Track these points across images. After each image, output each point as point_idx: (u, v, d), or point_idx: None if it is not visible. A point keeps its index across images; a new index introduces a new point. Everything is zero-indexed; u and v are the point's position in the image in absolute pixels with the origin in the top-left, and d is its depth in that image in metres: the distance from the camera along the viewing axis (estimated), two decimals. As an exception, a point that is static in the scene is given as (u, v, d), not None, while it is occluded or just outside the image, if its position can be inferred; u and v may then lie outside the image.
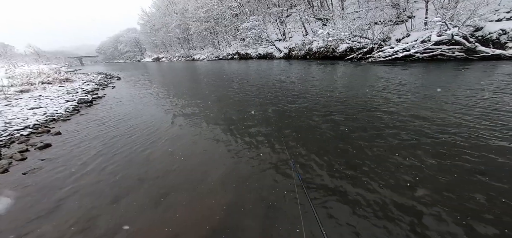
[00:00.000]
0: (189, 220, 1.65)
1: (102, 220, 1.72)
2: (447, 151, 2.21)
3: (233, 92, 6.35)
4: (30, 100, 6.84)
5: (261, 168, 2.25)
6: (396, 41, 10.68)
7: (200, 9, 31.24)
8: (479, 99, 3.65)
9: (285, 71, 10.46)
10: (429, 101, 3.82)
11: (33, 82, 10.24)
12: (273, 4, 21.53)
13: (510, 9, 8.36)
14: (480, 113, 3.09)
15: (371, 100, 4.19)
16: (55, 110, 5.45)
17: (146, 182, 2.19)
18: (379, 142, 2.53)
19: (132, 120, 4.39)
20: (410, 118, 3.14)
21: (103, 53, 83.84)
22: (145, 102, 5.99)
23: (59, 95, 7.63)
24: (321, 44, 14.44)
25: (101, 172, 2.44)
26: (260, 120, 3.67)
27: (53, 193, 2.14)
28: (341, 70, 8.85)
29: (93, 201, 1.97)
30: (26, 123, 4.40)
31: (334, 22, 13.91)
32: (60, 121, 4.64)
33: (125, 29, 69.87)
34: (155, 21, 47.26)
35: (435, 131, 2.66)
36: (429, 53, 8.71)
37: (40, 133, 3.91)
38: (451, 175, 1.87)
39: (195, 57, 35.73)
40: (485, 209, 1.50)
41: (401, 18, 11.60)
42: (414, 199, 1.64)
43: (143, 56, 60.73)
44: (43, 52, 51.24)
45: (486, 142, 2.31)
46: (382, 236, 1.39)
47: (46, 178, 2.41)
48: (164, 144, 3.06)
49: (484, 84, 4.55)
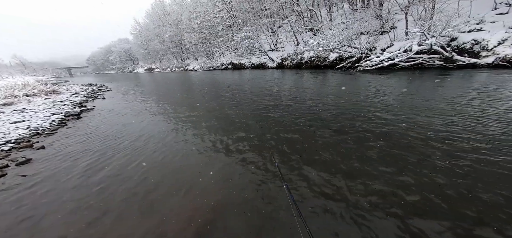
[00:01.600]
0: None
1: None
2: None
3: (229, 102, 6.48)
4: (13, 113, 6.67)
5: (254, 181, 2.34)
6: (381, 50, 11.36)
7: (193, 20, 31.79)
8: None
9: (279, 81, 10.78)
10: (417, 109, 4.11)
11: (17, 95, 9.95)
12: (266, 16, 22.34)
13: (479, 21, 9.22)
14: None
15: (365, 111, 4.44)
16: (39, 123, 5.36)
17: (133, 199, 2.17)
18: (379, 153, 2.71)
19: (121, 132, 4.35)
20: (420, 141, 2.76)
21: (94, 64, 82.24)
22: (136, 114, 5.94)
23: (45, 108, 7.48)
24: (312, 54, 15.04)
25: (86, 189, 2.39)
26: (253, 132, 3.80)
27: (33, 210, 2.10)
28: (333, 80, 9.26)
29: (73, 223, 1.90)
30: (7, 137, 4.31)
31: (323, 33, 14.62)
32: (44, 135, 4.56)
33: (116, 39, 69.42)
34: (148, 32, 47.38)
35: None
36: (412, 61, 9.33)
37: (22, 148, 3.83)
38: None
39: (189, 68, 35.86)
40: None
41: (384, 29, 12.42)
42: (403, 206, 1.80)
43: (136, 67, 60.11)
44: (30, 63, 49.62)
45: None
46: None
47: (25, 195, 2.36)
48: (155, 158, 3.04)
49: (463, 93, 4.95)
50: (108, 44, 72.61)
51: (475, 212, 1.62)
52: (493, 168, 2.09)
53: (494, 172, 2.04)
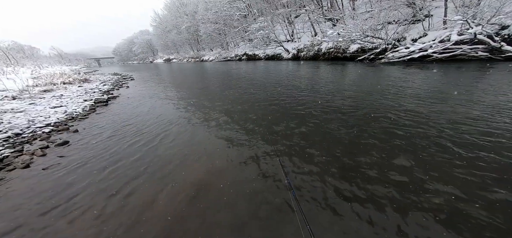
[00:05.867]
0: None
1: (113, 217, 1.78)
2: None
3: (245, 94, 6.36)
4: (52, 99, 7.30)
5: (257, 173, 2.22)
6: (412, 41, 10.17)
7: (209, 10, 31.80)
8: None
9: (295, 73, 10.33)
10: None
11: (56, 82, 10.94)
12: (282, 5, 21.40)
13: (541, 5, 7.65)
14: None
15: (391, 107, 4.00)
16: (74, 109, 5.77)
17: (154, 175, 2.25)
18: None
19: (143, 118, 4.58)
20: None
21: (119, 54, 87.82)
22: (156, 101, 6.21)
23: (78, 95, 8.07)
24: (330, 45, 14.11)
25: (115, 171, 2.53)
26: (262, 125, 3.64)
27: (69, 188, 2.25)
28: (354, 72, 8.57)
29: (105, 198, 2.05)
30: (48, 121, 4.68)
31: (344, 23, 13.53)
32: (78, 119, 4.92)
33: (138, 31, 72.88)
34: (167, 23, 48.75)
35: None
36: (448, 53, 8.20)
37: (60, 131, 4.15)
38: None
39: (204, 58, 36.39)
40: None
41: (417, 17, 11.03)
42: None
43: (155, 57, 62.84)
44: (65, 54, 54.64)
45: None
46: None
47: (64, 174, 2.54)
48: (174, 142, 3.13)
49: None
50: (131, 36, 76.66)
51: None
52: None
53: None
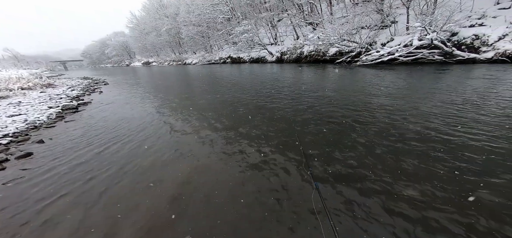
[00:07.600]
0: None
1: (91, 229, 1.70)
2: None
3: (230, 96, 6.39)
4: (8, 107, 6.50)
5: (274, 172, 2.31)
6: (382, 45, 11.28)
7: (191, 13, 31.12)
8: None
9: (278, 75, 10.66)
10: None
11: (12, 88, 9.70)
12: (265, 9, 21.98)
13: (480, 16, 9.15)
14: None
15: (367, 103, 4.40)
16: (36, 117, 5.22)
17: (135, 190, 2.17)
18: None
19: (119, 126, 4.29)
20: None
21: (89, 57, 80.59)
22: (133, 108, 5.83)
23: (41, 101, 7.30)
24: (312, 48, 14.89)
25: (87, 183, 2.35)
26: (257, 125, 3.75)
27: (34, 203, 2.06)
28: (332, 74, 9.18)
29: (79, 213, 1.88)
30: (5, 131, 4.19)
31: (323, 27, 14.42)
32: (42, 128, 4.47)
33: (111, 32, 67.79)
34: (145, 25, 46.35)
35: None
36: (412, 56, 9.29)
37: (20, 142, 3.74)
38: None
39: (187, 61, 35.35)
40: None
41: (385, 23, 12.29)
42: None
43: (132, 61, 59.04)
44: (22, 56, 48.37)
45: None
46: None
47: (26, 188, 2.31)
48: (154, 152, 2.95)
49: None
50: (103, 38, 70.94)
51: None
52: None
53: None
